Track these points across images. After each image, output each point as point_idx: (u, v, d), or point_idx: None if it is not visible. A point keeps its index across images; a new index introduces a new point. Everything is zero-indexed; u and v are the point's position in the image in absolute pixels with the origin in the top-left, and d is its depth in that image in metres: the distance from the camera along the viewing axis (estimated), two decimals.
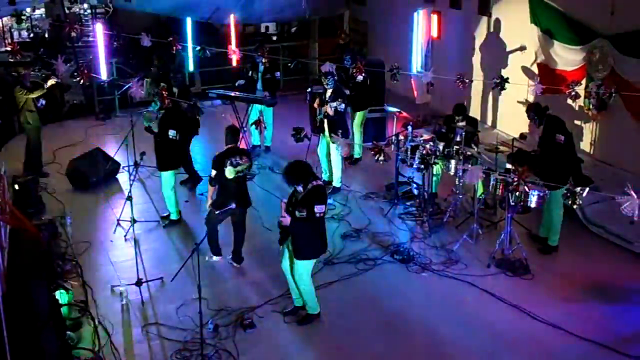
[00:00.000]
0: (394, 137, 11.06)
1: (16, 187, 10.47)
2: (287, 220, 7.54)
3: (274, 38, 19.93)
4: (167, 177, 10.29)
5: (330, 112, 10.95)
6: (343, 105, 11.04)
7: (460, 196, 10.52)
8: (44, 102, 12.08)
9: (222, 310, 8.21)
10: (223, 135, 9.29)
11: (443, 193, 11.06)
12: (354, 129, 12.79)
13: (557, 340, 7.70)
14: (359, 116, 12.72)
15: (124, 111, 15.39)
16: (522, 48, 13.19)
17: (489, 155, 10.71)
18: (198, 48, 11.04)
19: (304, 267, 7.77)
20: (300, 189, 7.59)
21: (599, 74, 11.30)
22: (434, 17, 14.75)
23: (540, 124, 9.30)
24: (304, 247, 7.69)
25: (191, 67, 16.67)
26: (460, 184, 10.37)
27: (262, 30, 20.21)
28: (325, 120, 11.15)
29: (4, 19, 18.36)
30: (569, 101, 11.17)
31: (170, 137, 10.05)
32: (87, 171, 11.87)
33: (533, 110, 9.34)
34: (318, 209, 7.49)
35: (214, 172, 8.95)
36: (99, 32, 13.75)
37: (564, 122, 9.29)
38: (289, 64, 11.37)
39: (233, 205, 8.05)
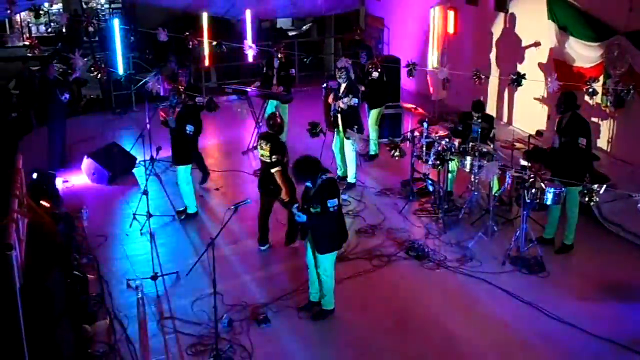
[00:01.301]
0: (409, 134, 11.04)
1: (34, 175, 10.53)
2: (303, 219, 7.58)
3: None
4: (183, 172, 10.35)
5: (344, 107, 10.94)
6: (356, 100, 11.00)
7: (476, 193, 10.49)
8: (68, 95, 12.18)
9: (237, 305, 8.24)
10: (239, 131, 9.33)
11: (459, 190, 11.03)
12: (370, 126, 12.76)
13: (573, 339, 7.66)
14: (374, 114, 12.69)
15: (140, 106, 15.46)
16: (537, 44, 13.12)
17: (505, 152, 10.66)
18: (215, 43, 11.06)
19: (328, 260, 7.79)
20: (310, 185, 7.60)
21: (617, 71, 11.22)
22: (451, 14, 14.70)
23: (563, 112, 9.18)
24: (325, 242, 7.71)
25: (207, 63, 16.72)
26: (476, 181, 10.34)
27: (279, 26, 20.25)
28: (339, 116, 11.15)
29: (23, 14, 18.48)
30: (587, 98, 11.10)
31: (188, 132, 10.10)
32: (104, 166, 11.94)
33: (564, 96, 9.20)
34: (331, 203, 7.49)
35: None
36: (116, 28, 13.82)
37: (588, 124, 9.19)
38: (305, 60, 11.37)
39: (248, 200, 8.09)
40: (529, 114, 13.41)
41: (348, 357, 7.47)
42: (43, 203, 9.55)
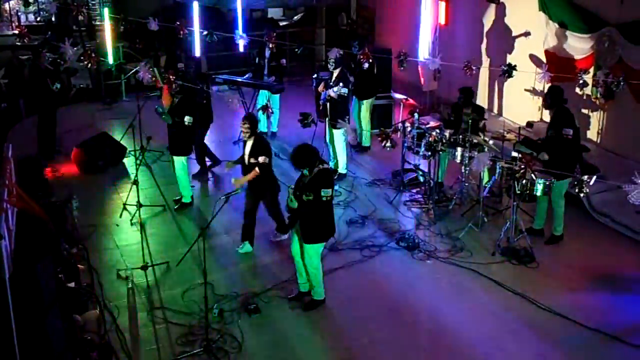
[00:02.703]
0: (400, 124, 11.04)
1: (24, 165, 10.45)
2: (294, 204, 7.57)
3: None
4: (181, 161, 10.31)
5: (334, 95, 10.92)
6: (346, 90, 10.99)
7: (466, 184, 10.51)
8: (59, 85, 12.14)
9: (228, 295, 8.24)
10: (229, 121, 9.28)
11: (449, 181, 11.05)
12: (362, 117, 12.75)
13: (562, 329, 7.71)
14: (365, 105, 12.68)
15: (130, 95, 15.40)
16: (526, 34, 13.13)
17: (496, 143, 10.68)
18: (205, 33, 11.02)
19: (314, 251, 7.80)
20: (306, 172, 7.61)
21: (607, 63, 11.24)
22: (442, 4, 14.68)
23: (549, 107, 9.22)
24: (313, 231, 7.72)
25: (197, 52, 16.65)
26: (467, 172, 10.36)
27: (269, 15, 20.19)
28: (328, 105, 11.12)
29: (12, 2, 18.35)
30: (577, 89, 11.12)
31: (186, 123, 10.04)
32: (94, 155, 11.90)
33: (550, 91, 9.24)
34: (325, 192, 7.51)
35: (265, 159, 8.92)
36: (105, 16, 13.75)
37: (573, 115, 9.23)
38: (296, 50, 11.35)
39: (238, 190, 8.10)
40: (519, 105, 13.42)
41: (338, 347, 7.48)
42: (33, 193, 9.50)
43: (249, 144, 8.95)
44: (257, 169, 8.86)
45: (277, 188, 9.20)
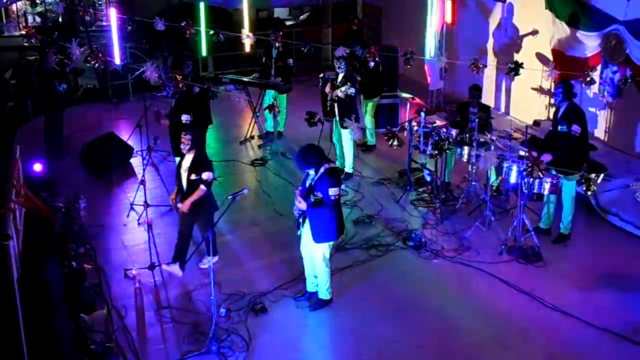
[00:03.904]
0: (407, 123, 11.03)
1: (34, 165, 10.50)
2: (303, 205, 7.56)
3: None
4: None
5: (341, 95, 10.91)
6: (353, 90, 10.98)
7: (473, 183, 10.49)
8: (65, 85, 12.18)
9: (235, 295, 8.24)
10: (236, 120, 9.27)
11: (456, 180, 11.03)
12: (366, 117, 12.76)
13: (569, 328, 7.68)
14: (369, 105, 12.69)
15: (137, 95, 15.42)
16: (533, 32, 13.10)
17: (503, 142, 10.65)
18: (212, 32, 11.03)
19: (323, 250, 7.80)
20: (312, 172, 7.61)
21: (614, 61, 11.20)
22: (448, 3, 14.67)
23: (560, 101, 9.17)
24: (322, 231, 7.70)
25: (204, 52, 16.68)
26: (473, 171, 10.34)
27: (275, 15, 20.19)
28: (336, 105, 11.12)
29: (19, 3, 18.42)
30: (584, 87, 11.09)
31: (184, 121, 10.07)
32: (101, 155, 11.92)
33: (563, 85, 9.18)
34: (332, 191, 7.50)
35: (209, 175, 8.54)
36: (112, 17, 13.76)
37: (584, 113, 9.19)
38: (303, 49, 11.35)
39: (245, 190, 8.05)
40: (526, 103, 13.40)
41: (345, 347, 7.48)
42: (40, 193, 9.54)
43: (189, 157, 8.49)
44: (202, 186, 8.40)
45: (216, 207, 8.69)
